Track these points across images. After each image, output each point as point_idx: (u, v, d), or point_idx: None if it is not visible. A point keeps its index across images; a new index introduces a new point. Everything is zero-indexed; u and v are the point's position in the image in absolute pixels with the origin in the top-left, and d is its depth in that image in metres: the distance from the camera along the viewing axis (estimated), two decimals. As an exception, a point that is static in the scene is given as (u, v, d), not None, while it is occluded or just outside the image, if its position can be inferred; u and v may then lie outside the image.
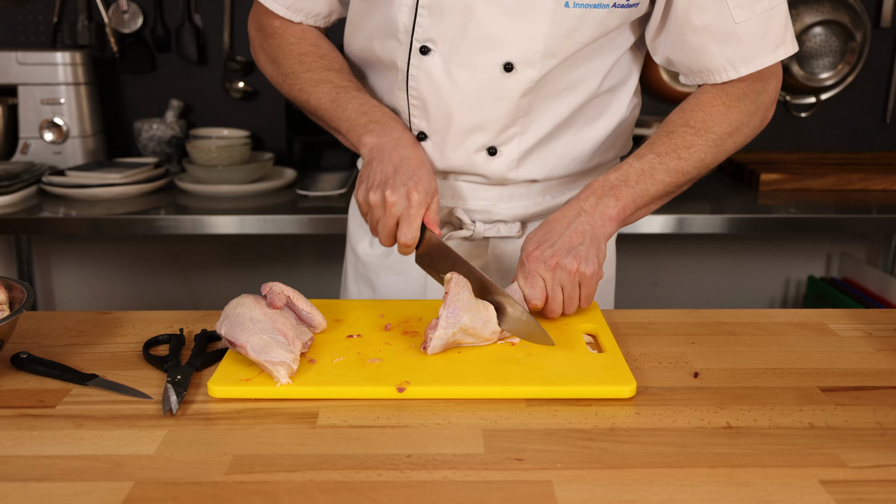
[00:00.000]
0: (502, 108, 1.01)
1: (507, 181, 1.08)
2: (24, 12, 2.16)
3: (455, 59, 0.99)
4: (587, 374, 0.81)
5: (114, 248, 2.36)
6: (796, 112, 2.30)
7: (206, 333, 0.92)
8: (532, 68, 0.98)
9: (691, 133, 1.00)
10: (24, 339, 0.93)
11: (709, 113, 1.01)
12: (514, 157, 1.05)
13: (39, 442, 0.71)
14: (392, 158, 0.97)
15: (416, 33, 0.99)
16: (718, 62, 0.99)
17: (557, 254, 0.92)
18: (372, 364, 0.84)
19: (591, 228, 0.94)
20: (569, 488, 0.64)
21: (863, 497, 0.63)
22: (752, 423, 0.74)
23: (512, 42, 0.96)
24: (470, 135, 1.03)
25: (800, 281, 2.45)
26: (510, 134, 1.04)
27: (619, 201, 0.96)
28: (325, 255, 2.34)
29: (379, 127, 1.01)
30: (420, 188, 0.94)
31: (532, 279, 0.93)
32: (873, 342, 0.94)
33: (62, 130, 1.97)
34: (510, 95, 1.00)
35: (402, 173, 0.95)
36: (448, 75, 1.00)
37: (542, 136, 1.05)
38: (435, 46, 0.99)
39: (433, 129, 1.04)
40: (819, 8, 2.17)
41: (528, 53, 0.97)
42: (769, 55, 0.99)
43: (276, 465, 0.67)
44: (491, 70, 0.98)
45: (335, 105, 1.05)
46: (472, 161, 1.05)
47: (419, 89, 1.02)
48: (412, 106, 1.04)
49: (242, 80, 2.21)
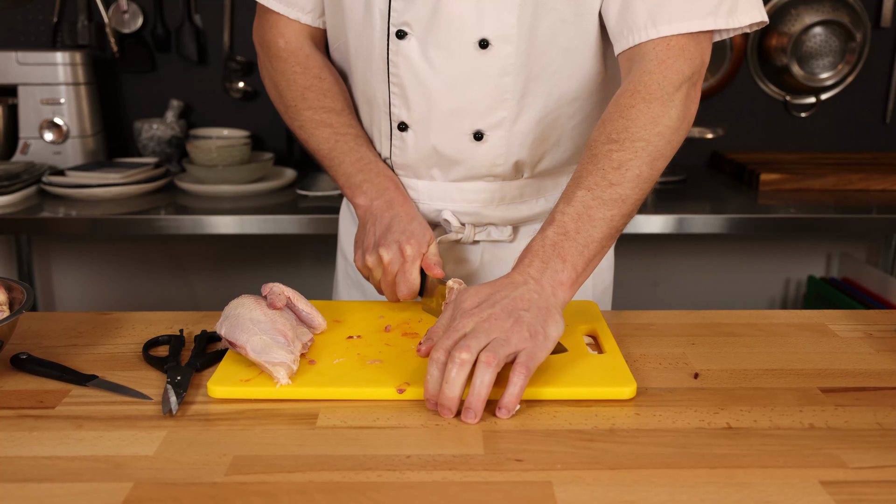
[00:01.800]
0: (484, 88, 0.99)
1: (496, 170, 1.05)
2: (24, 12, 2.16)
3: (431, 40, 0.98)
4: (587, 376, 0.81)
5: (114, 248, 2.36)
6: (796, 112, 2.30)
7: (206, 334, 0.92)
8: (508, 44, 0.96)
9: (616, 148, 0.88)
10: (23, 339, 0.93)
11: (629, 117, 0.89)
12: (501, 142, 1.03)
13: (39, 442, 0.71)
14: (383, 219, 1.00)
15: (392, 18, 0.98)
16: (640, 18, 0.91)
17: (495, 316, 0.77)
18: (372, 365, 0.84)
19: (537, 297, 0.80)
20: (569, 489, 0.64)
21: (863, 498, 0.63)
22: (753, 424, 0.74)
23: (484, 18, 0.95)
24: (453, 118, 1.02)
25: (800, 281, 2.45)
26: (498, 118, 1.01)
27: (566, 262, 0.83)
28: (325, 255, 2.34)
29: (372, 188, 1.03)
30: (412, 241, 0.96)
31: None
32: (873, 343, 0.94)
33: (62, 130, 1.97)
34: (489, 74, 0.98)
35: (394, 230, 0.98)
36: (425, 58, 0.99)
37: (530, 126, 1.03)
38: (410, 30, 0.98)
39: (414, 118, 1.03)
40: (819, 8, 2.17)
41: (503, 28, 0.95)
42: (697, 20, 0.90)
43: (275, 466, 0.67)
44: (466, 49, 0.97)
45: (332, 154, 1.07)
46: (459, 147, 1.03)
47: (399, 75, 1.01)
48: (392, 94, 1.03)
49: (242, 80, 2.21)
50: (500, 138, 1.03)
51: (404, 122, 1.04)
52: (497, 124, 1.02)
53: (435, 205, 1.09)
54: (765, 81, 2.28)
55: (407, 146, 1.05)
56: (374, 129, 1.09)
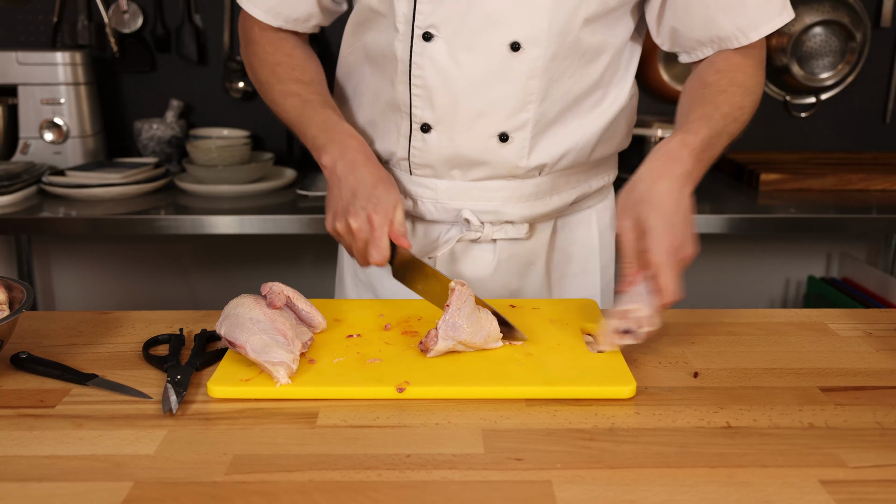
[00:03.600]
0: (510, 91, 1.01)
1: (518, 171, 1.06)
2: (24, 12, 2.16)
3: (460, 42, 0.99)
4: (587, 375, 0.81)
5: (114, 248, 2.36)
6: (796, 112, 2.30)
7: (206, 333, 0.92)
8: (538, 47, 0.98)
9: (740, 94, 1.01)
10: (24, 339, 0.93)
11: (747, 74, 1.03)
12: (525, 144, 1.04)
13: (39, 442, 0.71)
14: (348, 183, 1.00)
15: (417, 20, 0.99)
16: (728, 30, 1.02)
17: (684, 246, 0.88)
18: (372, 364, 0.84)
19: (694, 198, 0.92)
20: (569, 488, 0.64)
21: (863, 497, 0.63)
22: (752, 423, 0.74)
23: (516, 20, 0.97)
24: (478, 120, 1.03)
25: (800, 281, 2.45)
26: (522, 120, 1.03)
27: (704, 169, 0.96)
28: (325, 255, 2.34)
29: (335, 147, 1.03)
30: (379, 209, 0.96)
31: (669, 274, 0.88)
32: (873, 342, 0.94)
33: (62, 130, 1.97)
34: (517, 77, 1.00)
35: (360, 197, 0.98)
36: (454, 60, 1.00)
37: (550, 122, 1.04)
38: (438, 32, 0.99)
39: (438, 119, 1.04)
40: (819, 8, 2.17)
41: (534, 31, 0.97)
42: (775, 19, 1.03)
43: (275, 465, 0.67)
44: (498, 50, 0.98)
45: (300, 120, 1.08)
46: (484, 148, 1.04)
47: (424, 77, 1.02)
48: (415, 97, 1.03)
49: (242, 80, 2.21)
50: (523, 140, 1.04)
51: (427, 124, 1.05)
52: (521, 126, 1.03)
53: (454, 203, 1.09)
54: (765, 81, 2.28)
55: (429, 147, 1.06)
56: (391, 130, 1.09)
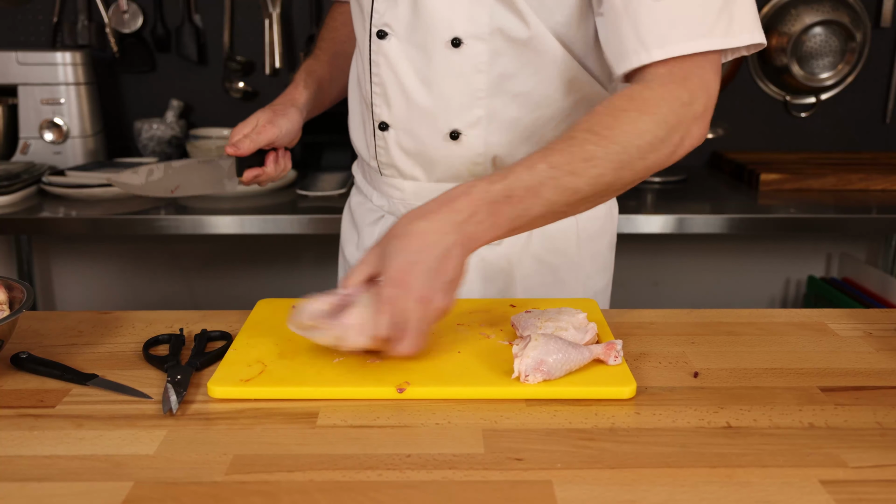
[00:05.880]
0: (457, 85, 1.01)
1: (476, 170, 1.05)
2: (24, 12, 2.16)
3: (410, 40, 1.01)
4: (587, 375, 0.81)
5: (114, 248, 2.36)
6: (796, 112, 2.30)
7: (206, 333, 0.92)
8: (480, 42, 0.98)
9: (593, 141, 0.84)
10: (24, 339, 0.93)
11: (618, 119, 0.85)
12: (479, 143, 1.04)
13: (39, 442, 0.71)
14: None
15: (374, 18, 1.02)
16: (630, 44, 0.87)
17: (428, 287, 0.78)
18: (372, 364, 0.84)
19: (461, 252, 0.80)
20: (569, 488, 0.64)
21: (863, 497, 0.63)
22: (752, 423, 0.74)
23: (459, 19, 0.98)
24: (429, 118, 1.03)
25: (800, 281, 2.45)
26: (473, 117, 1.02)
27: (496, 227, 0.82)
28: (325, 255, 2.34)
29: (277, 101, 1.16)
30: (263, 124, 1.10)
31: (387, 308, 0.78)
32: (873, 342, 0.94)
33: (62, 130, 1.97)
34: (462, 70, 1.00)
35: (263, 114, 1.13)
36: (406, 58, 1.02)
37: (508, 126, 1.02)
38: (391, 30, 1.01)
39: (394, 116, 1.06)
40: (819, 8, 2.17)
41: (475, 27, 0.97)
42: (691, 42, 0.84)
43: (276, 465, 0.67)
44: (441, 47, 0.99)
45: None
46: (438, 146, 1.05)
47: (380, 75, 1.04)
48: (374, 94, 1.06)
49: (242, 80, 2.21)
50: (476, 137, 1.04)
51: (385, 122, 1.07)
52: (473, 123, 1.03)
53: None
54: (765, 81, 2.28)
55: (389, 146, 1.08)
56: (363, 127, 1.13)
